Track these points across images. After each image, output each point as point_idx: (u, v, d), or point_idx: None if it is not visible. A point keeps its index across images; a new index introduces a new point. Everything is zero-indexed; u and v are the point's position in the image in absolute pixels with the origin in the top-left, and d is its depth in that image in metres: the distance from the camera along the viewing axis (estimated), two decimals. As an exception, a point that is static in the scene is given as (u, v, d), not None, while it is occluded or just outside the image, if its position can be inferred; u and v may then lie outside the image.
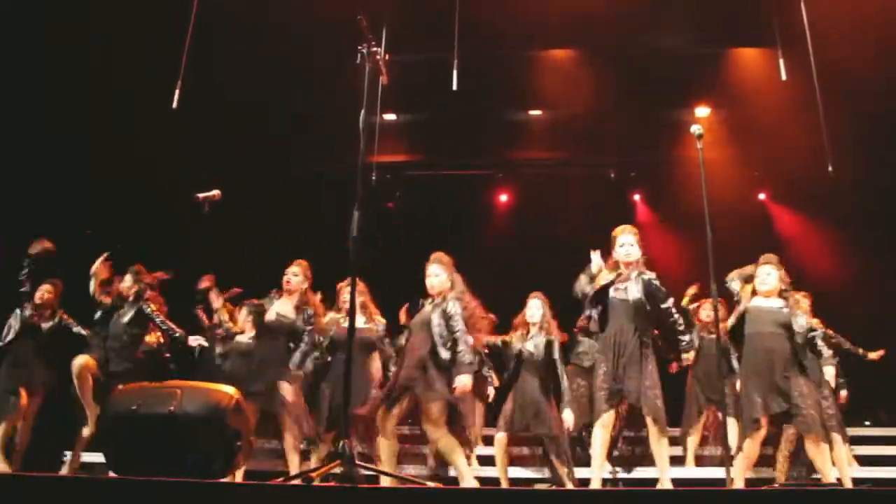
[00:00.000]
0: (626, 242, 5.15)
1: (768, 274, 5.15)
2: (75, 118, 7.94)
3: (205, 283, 6.83)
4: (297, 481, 3.54)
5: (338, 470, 3.40)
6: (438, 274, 5.02)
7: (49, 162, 7.95)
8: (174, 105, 6.37)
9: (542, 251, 9.54)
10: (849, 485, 5.47)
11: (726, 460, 4.72)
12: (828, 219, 9.02)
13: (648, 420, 4.89)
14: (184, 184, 5.82)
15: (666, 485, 4.92)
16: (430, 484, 4.11)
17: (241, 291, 7.00)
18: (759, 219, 10.12)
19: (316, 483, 3.12)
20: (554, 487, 5.47)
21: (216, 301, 6.82)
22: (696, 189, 4.55)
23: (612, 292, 5.11)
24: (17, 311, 6.55)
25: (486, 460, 6.20)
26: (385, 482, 4.64)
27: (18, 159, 7.67)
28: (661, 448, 4.91)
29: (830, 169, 7.16)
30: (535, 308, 5.88)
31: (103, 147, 8.25)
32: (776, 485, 5.22)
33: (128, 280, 6.31)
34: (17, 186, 7.61)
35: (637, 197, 10.68)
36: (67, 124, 7.96)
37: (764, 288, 5.13)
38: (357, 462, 3.53)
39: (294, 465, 5.35)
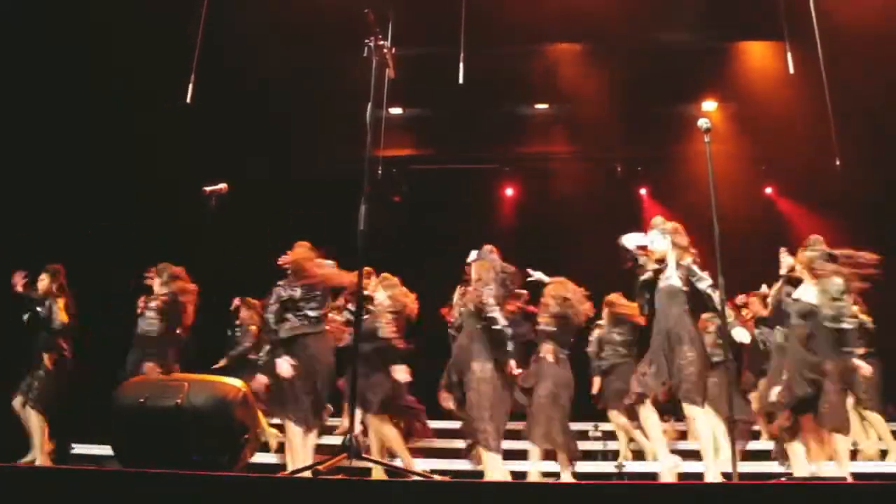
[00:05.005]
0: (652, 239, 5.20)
1: None
2: (76, 112, 7.93)
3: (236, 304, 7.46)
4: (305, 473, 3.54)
5: (345, 463, 3.41)
6: None
7: (49, 160, 7.95)
8: (188, 100, 6.43)
9: (547, 246, 9.50)
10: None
11: (733, 454, 4.70)
12: (835, 213, 8.96)
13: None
14: (189, 179, 5.80)
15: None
16: (437, 477, 4.12)
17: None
18: (767, 213, 10.07)
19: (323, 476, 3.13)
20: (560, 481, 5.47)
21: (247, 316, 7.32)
22: (703, 183, 4.52)
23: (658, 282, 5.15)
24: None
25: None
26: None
27: (19, 158, 7.68)
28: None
29: (838, 163, 7.13)
30: None
31: (103, 145, 8.26)
32: (782, 479, 5.20)
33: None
34: (16, 185, 7.62)
35: (643, 191, 10.63)
36: (67, 122, 7.95)
37: None
38: (363, 455, 3.54)
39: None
